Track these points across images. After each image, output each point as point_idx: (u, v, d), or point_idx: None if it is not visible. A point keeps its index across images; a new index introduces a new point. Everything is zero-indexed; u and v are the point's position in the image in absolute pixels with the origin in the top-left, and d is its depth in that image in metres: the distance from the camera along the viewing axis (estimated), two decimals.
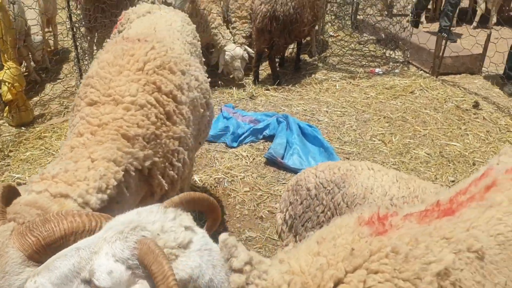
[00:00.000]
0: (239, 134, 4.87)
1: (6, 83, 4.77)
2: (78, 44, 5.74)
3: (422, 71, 7.10)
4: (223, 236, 1.29)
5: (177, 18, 2.76)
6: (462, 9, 9.98)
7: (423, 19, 10.44)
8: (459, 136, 5.08)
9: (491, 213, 1.45)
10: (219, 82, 6.51)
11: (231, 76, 6.49)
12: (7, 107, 4.98)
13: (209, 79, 2.76)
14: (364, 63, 7.36)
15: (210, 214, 1.52)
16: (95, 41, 6.16)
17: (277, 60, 6.87)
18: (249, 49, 6.31)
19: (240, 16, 6.55)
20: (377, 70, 7.09)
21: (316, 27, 7.45)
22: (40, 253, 1.33)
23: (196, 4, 5.95)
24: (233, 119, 5.02)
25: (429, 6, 10.89)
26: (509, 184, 1.57)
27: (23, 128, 5.02)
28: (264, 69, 6.94)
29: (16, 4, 5.27)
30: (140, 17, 2.74)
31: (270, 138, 4.84)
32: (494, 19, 8.94)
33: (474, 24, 9.41)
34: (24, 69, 6.15)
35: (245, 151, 4.69)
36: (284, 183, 4.16)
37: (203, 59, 3.07)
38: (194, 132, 2.27)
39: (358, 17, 9.07)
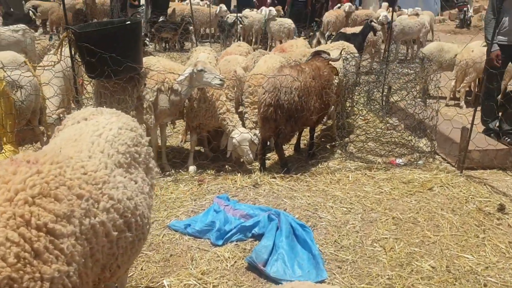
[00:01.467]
0: (226, 231, 4.57)
1: None
2: None
3: (448, 164, 6.59)
4: None
5: (114, 125, 2.61)
6: None
7: (462, 103, 9.97)
8: (475, 247, 4.50)
9: None
10: (226, 167, 6.34)
11: (241, 160, 6.30)
12: None
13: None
14: (384, 152, 6.95)
15: None
16: None
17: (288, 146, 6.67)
18: (258, 134, 6.15)
19: (252, 101, 6.47)
20: (398, 160, 6.66)
21: (333, 112, 7.24)
22: None
23: (204, 91, 5.93)
24: (222, 213, 4.75)
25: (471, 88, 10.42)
26: None
27: None
28: (275, 155, 6.71)
29: (29, 87, 5.45)
30: (74, 124, 2.63)
31: (260, 237, 4.50)
32: None
33: None
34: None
35: (228, 252, 4.36)
36: None
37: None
38: (91, 264, 2.03)
39: (391, 99, 8.77)
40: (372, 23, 12.55)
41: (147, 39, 17.06)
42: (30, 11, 17.43)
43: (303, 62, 6.70)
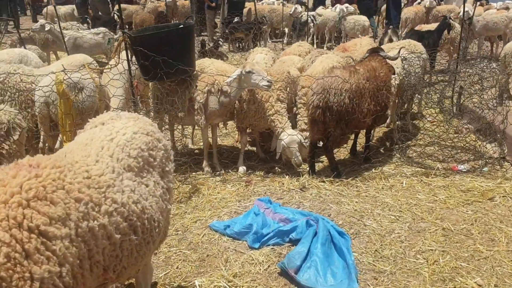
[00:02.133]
0: (263, 235, 4.56)
1: None
2: None
3: None
4: None
5: (129, 130, 2.71)
6: None
7: None
8: None
9: None
10: (276, 169, 6.32)
11: (291, 162, 6.25)
12: None
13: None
14: (447, 157, 6.52)
15: None
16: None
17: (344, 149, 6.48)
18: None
19: (304, 103, 6.38)
20: (460, 167, 6.23)
21: (393, 114, 6.93)
22: None
23: (253, 93, 5.96)
24: (260, 216, 4.74)
25: None
26: None
27: None
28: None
29: (90, 88, 5.79)
30: (92, 128, 2.76)
31: (297, 242, 4.42)
32: None
33: None
34: None
35: (263, 255, 4.35)
36: None
37: None
38: (88, 266, 2.12)
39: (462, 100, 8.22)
40: (450, 20, 11.84)
41: (221, 40, 17.44)
42: (115, 15, 18.58)
43: (358, 62, 6.48)
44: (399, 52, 6.37)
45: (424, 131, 7.40)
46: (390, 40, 11.22)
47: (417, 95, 7.60)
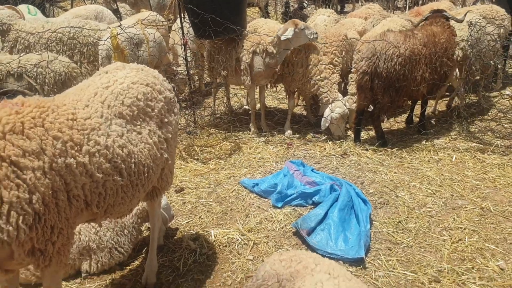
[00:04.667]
0: (287, 195, 4.60)
1: None
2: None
3: None
4: None
5: (128, 80, 2.85)
6: None
7: None
8: None
9: None
10: (322, 134, 6.22)
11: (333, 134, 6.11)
12: None
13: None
14: (503, 135, 5.96)
15: None
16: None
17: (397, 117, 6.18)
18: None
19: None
20: None
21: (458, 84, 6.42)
22: None
23: (302, 55, 5.86)
24: (288, 177, 4.77)
25: None
26: None
27: None
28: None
29: (152, 42, 6.08)
30: (96, 76, 2.96)
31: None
32: None
33: None
34: None
35: (283, 214, 4.40)
36: None
37: None
38: (63, 198, 2.33)
39: None
40: None
41: (305, 2, 17.12)
42: None
43: (418, 26, 6.06)
44: (465, 15, 5.83)
45: (500, 105, 6.78)
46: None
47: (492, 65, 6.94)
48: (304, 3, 17.00)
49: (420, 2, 15.90)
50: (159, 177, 3.17)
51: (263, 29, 6.09)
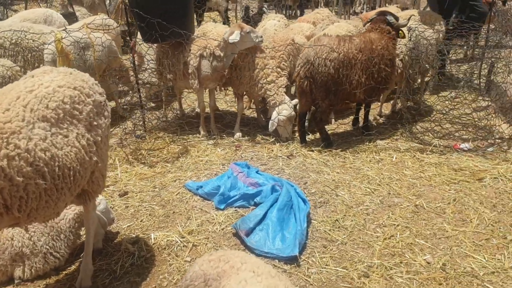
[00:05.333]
0: (230, 196, 4.67)
1: None
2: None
3: None
4: None
5: (54, 84, 2.86)
6: None
7: None
8: (493, 249, 3.90)
9: None
10: (271, 136, 6.32)
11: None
12: None
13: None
14: (451, 135, 6.23)
15: None
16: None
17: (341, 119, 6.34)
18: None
19: None
20: (463, 145, 5.94)
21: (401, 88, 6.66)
22: None
23: (249, 59, 5.96)
24: (231, 179, 4.84)
25: None
26: None
27: None
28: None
29: (100, 47, 6.04)
30: (22, 79, 2.96)
31: None
32: None
33: None
34: None
35: (225, 216, 4.46)
36: None
37: None
38: None
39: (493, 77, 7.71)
40: None
41: (265, 6, 17.28)
42: None
43: (360, 32, 6.26)
44: (409, 19, 6.04)
45: (440, 107, 7.04)
46: None
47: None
48: (264, 8, 17.17)
49: (377, 7, 16.34)
50: (89, 180, 3.19)
51: (212, 33, 6.15)
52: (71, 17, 11.02)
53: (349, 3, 16.35)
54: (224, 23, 16.18)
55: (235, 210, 4.59)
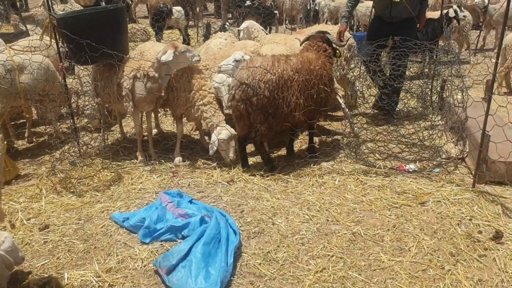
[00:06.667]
0: (156, 229, 4.35)
1: None
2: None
3: (471, 176, 5.51)
4: None
5: None
6: None
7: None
8: (429, 280, 3.69)
9: None
10: (212, 160, 6.04)
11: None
12: None
13: None
14: (397, 155, 6.08)
15: None
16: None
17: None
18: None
19: None
20: (408, 166, 5.78)
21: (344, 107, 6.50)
22: None
23: (185, 80, 5.69)
24: (158, 210, 4.53)
25: None
26: None
27: None
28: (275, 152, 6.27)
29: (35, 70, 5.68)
30: None
31: None
32: None
33: None
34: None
35: (149, 252, 4.13)
36: None
37: None
38: None
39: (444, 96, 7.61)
40: (456, 11, 11.23)
41: (227, 24, 17.13)
42: None
43: (296, 52, 6.08)
44: (347, 40, 5.92)
45: (387, 126, 6.91)
46: None
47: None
48: (226, 25, 17.01)
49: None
50: None
51: (149, 53, 5.89)
52: (22, 37, 10.58)
53: (309, 21, 16.36)
54: (184, 41, 15.96)
55: (161, 244, 4.27)
